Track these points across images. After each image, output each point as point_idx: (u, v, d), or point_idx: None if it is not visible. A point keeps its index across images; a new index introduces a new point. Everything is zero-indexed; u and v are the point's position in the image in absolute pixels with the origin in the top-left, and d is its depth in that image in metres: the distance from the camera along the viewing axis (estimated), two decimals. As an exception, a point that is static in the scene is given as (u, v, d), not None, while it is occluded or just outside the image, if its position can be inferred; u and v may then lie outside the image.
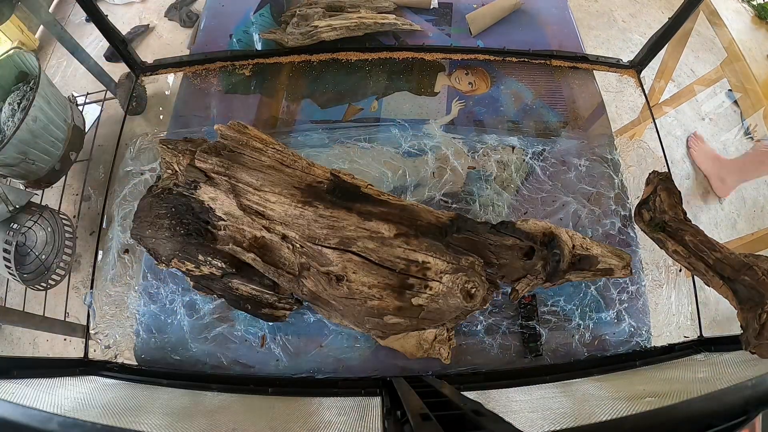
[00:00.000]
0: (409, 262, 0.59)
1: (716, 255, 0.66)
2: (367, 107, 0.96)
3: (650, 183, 0.78)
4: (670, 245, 0.71)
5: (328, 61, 1.00)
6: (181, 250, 0.64)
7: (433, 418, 0.35)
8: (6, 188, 1.06)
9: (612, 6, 2.01)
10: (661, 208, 0.73)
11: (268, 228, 0.63)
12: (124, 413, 0.55)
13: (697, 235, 0.68)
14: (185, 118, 0.96)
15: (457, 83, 1.00)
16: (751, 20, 1.18)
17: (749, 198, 1.64)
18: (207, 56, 1.01)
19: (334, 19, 0.97)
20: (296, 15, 0.96)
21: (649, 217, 0.74)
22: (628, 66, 1.03)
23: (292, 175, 0.64)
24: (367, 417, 0.57)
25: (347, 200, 0.62)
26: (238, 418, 0.59)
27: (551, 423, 0.54)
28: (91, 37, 1.76)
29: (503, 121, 0.95)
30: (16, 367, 0.57)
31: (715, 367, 0.66)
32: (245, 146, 0.64)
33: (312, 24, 0.92)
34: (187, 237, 0.64)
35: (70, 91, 1.60)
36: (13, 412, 0.29)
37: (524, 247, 0.65)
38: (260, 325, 0.75)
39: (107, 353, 0.76)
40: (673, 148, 1.69)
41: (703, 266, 0.67)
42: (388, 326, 0.61)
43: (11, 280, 1.11)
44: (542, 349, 0.74)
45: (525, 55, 1.02)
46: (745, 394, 0.29)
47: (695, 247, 0.67)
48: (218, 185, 0.63)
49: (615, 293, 0.77)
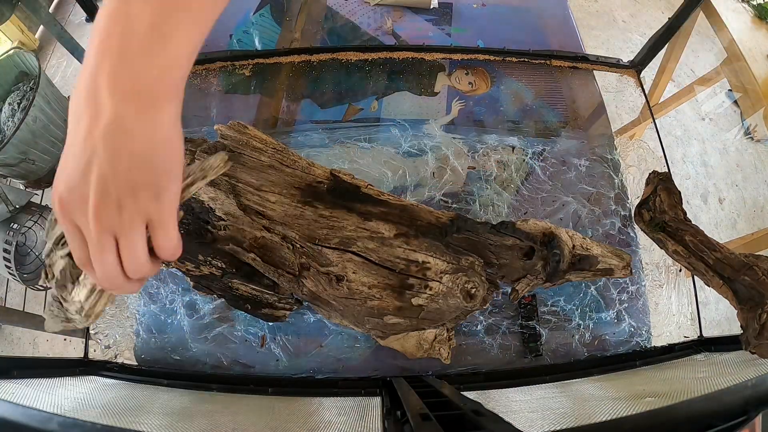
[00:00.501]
0: (409, 262, 0.59)
1: (716, 255, 0.65)
2: (367, 107, 0.96)
3: (650, 183, 0.78)
4: (670, 245, 0.71)
5: (328, 61, 1.00)
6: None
7: (433, 418, 0.35)
8: (6, 188, 1.06)
9: (612, 6, 2.01)
10: (661, 208, 0.73)
11: (268, 228, 0.63)
12: (124, 413, 0.55)
13: (697, 235, 0.68)
14: (185, 118, 0.95)
15: (457, 83, 1.00)
16: (751, 20, 1.18)
17: (749, 198, 1.64)
18: (207, 56, 1.01)
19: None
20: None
21: (649, 217, 0.74)
22: (628, 66, 1.03)
23: (292, 175, 0.64)
24: (367, 417, 0.57)
25: (347, 200, 0.62)
26: (238, 418, 0.59)
27: (551, 423, 0.54)
28: (91, 37, 1.76)
29: (503, 121, 0.95)
30: (16, 367, 0.57)
31: (715, 367, 0.66)
32: (245, 146, 0.64)
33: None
34: (187, 237, 0.64)
35: (70, 91, 1.60)
36: (13, 412, 0.29)
37: (524, 247, 0.65)
38: (260, 325, 0.75)
39: (107, 353, 0.76)
40: (673, 148, 1.69)
41: (703, 266, 0.67)
42: (388, 326, 0.61)
43: (11, 280, 1.11)
44: (542, 349, 0.74)
45: (525, 55, 1.02)
46: (745, 394, 0.29)
47: (695, 247, 0.67)
48: (218, 185, 0.63)
49: (615, 293, 0.77)
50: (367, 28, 1.12)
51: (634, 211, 0.79)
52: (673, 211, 0.73)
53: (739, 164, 1.71)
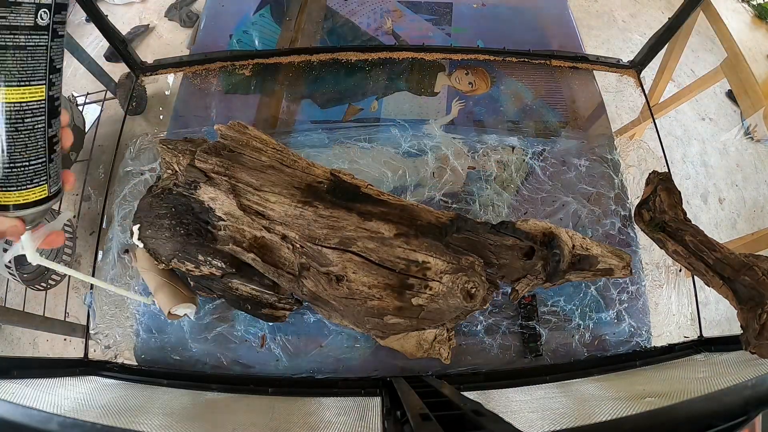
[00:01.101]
0: (409, 262, 0.59)
1: (716, 255, 0.65)
2: (367, 107, 0.96)
3: (650, 183, 0.78)
4: (670, 245, 0.71)
5: (328, 61, 1.00)
6: (181, 250, 0.64)
7: (433, 418, 0.35)
8: (6, 188, 1.06)
9: (612, 6, 2.01)
10: (661, 208, 0.73)
11: (268, 228, 0.63)
12: (124, 413, 0.55)
13: (697, 235, 0.68)
14: (185, 118, 0.96)
15: (457, 83, 1.00)
16: (751, 20, 1.18)
17: (749, 198, 1.64)
18: (207, 56, 1.00)
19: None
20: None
21: (649, 217, 0.73)
22: (628, 66, 1.03)
23: (292, 175, 0.63)
24: (367, 417, 0.57)
25: (347, 200, 0.62)
26: (238, 418, 0.59)
27: (551, 423, 0.54)
28: (91, 37, 1.76)
29: (503, 121, 0.95)
30: (16, 367, 0.57)
31: (715, 367, 0.66)
32: (245, 146, 0.64)
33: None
34: (187, 237, 0.64)
35: (70, 91, 1.60)
36: (13, 412, 0.29)
37: (524, 247, 0.65)
38: (260, 325, 0.75)
39: (107, 353, 0.76)
40: (673, 148, 1.69)
41: (703, 266, 0.66)
42: (388, 326, 0.61)
43: (11, 280, 1.11)
44: (542, 349, 0.74)
45: (525, 55, 1.02)
46: (745, 394, 0.29)
47: (695, 247, 0.67)
48: (218, 185, 0.63)
49: (615, 293, 0.77)
50: (367, 28, 1.12)
51: (634, 211, 0.79)
52: (673, 211, 0.73)
53: (739, 164, 1.71)
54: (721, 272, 0.64)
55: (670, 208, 0.73)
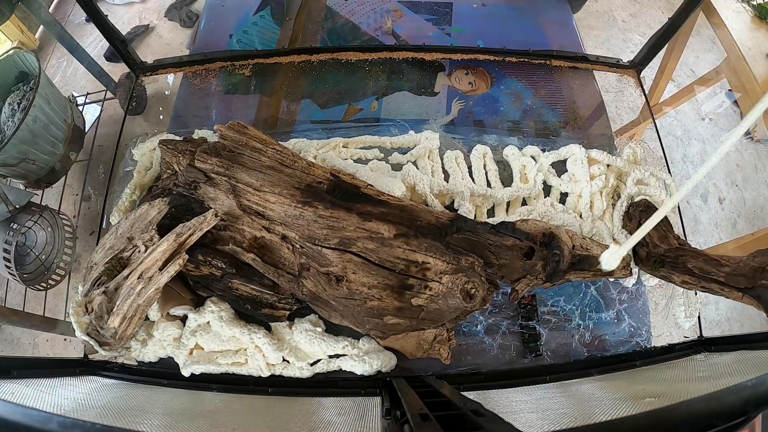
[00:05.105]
0: (408, 262, 0.59)
1: (725, 270, 0.63)
2: (367, 107, 0.96)
3: (633, 218, 0.76)
4: (676, 278, 0.68)
5: (328, 61, 1.00)
6: (181, 250, 0.64)
7: (433, 418, 0.35)
8: (6, 188, 1.06)
9: (612, 6, 2.01)
10: (652, 242, 0.71)
11: (268, 228, 0.63)
12: (124, 413, 0.55)
13: (698, 258, 0.66)
14: (185, 118, 0.96)
15: (457, 83, 1.00)
16: (751, 20, 1.18)
17: (749, 198, 1.64)
18: (207, 56, 1.01)
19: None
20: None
21: (645, 254, 0.71)
22: (628, 66, 1.03)
23: (292, 176, 0.63)
24: (367, 417, 0.57)
25: (347, 200, 0.62)
26: (238, 418, 0.59)
27: (551, 423, 0.54)
28: (91, 37, 1.76)
29: (503, 121, 0.95)
30: (16, 367, 0.57)
31: (715, 367, 0.66)
32: (245, 146, 0.64)
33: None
34: (187, 237, 0.64)
35: (70, 91, 1.60)
36: (13, 412, 0.29)
37: (524, 248, 0.65)
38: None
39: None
40: (673, 148, 1.69)
41: (717, 285, 0.64)
42: (388, 326, 0.61)
43: (11, 280, 1.11)
44: (542, 349, 0.74)
45: (525, 55, 1.02)
46: (745, 394, 0.29)
47: (701, 271, 0.65)
48: (218, 185, 0.63)
49: (615, 293, 0.77)
50: (367, 28, 1.12)
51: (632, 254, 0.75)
52: (665, 243, 0.70)
53: (739, 164, 1.71)
54: (736, 285, 0.62)
55: (661, 241, 0.70)
